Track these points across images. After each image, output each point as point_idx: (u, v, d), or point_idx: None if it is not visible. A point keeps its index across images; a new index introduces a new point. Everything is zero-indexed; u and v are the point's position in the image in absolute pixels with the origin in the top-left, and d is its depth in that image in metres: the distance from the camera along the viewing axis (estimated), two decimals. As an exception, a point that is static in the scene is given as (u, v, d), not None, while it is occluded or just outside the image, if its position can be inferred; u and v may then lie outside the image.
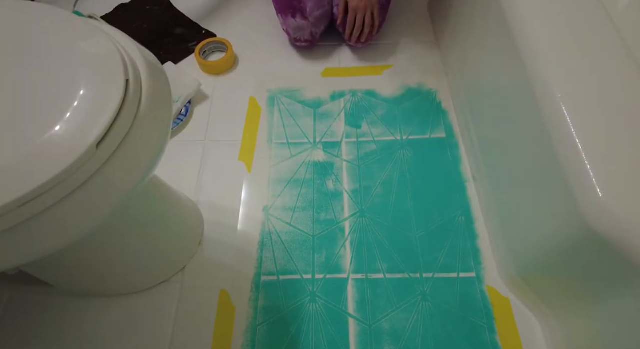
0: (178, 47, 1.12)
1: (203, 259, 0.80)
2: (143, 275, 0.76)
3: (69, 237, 0.44)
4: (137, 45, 0.50)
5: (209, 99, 1.02)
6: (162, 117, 0.50)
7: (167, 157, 0.91)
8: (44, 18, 0.48)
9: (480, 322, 0.72)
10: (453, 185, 0.88)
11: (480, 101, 0.85)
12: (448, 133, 0.95)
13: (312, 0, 0.97)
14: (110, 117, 0.41)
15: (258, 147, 0.94)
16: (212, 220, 0.84)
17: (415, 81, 1.04)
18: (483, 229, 0.82)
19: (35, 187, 0.37)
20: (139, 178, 0.47)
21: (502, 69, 0.73)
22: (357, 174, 0.90)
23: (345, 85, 1.04)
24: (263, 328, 0.73)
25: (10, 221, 0.38)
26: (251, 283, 0.77)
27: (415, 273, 0.77)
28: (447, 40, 1.05)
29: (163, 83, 0.51)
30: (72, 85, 0.42)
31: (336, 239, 0.82)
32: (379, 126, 0.97)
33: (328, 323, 0.73)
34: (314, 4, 0.97)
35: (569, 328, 0.64)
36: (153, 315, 0.74)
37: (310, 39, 1.05)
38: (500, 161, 0.77)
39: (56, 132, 0.39)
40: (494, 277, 0.77)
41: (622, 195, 0.47)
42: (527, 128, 0.64)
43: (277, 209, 0.86)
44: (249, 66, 1.09)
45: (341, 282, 0.77)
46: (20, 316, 0.75)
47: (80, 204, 0.41)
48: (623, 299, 0.50)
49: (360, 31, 1.01)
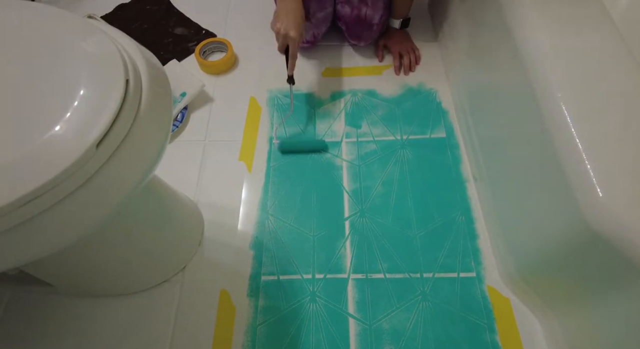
0: (178, 47, 1.12)
1: (203, 259, 0.80)
2: (143, 275, 0.76)
3: (69, 238, 0.44)
4: (138, 45, 0.50)
5: (209, 99, 1.02)
6: (162, 117, 0.50)
7: (168, 157, 0.90)
8: (44, 18, 0.48)
9: (480, 322, 0.72)
10: (453, 185, 0.88)
11: (481, 100, 0.85)
12: (448, 133, 0.95)
13: (314, 2, 0.97)
14: (111, 117, 0.41)
15: (258, 147, 0.94)
16: (212, 220, 0.84)
17: (416, 81, 1.04)
18: (483, 229, 0.82)
19: (36, 188, 0.37)
20: (139, 178, 0.47)
21: (502, 69, 0.73)
22: (357, 174, 0.90)
23: (345, 85, 1.04)
24: (263, 327, 0.73)
25: (11, 221, 0.38)
26: (251, 282, 0.77)
27: (415, 273, 0.77)
28: (447, 40, 1.05)
29: (163, 83, 0.51)
30: (72, 85, 0.42)
31: (336, 239, 0.82)
32: (379, 126, 0.97)
33: (328, 323, 0.73)
34: (317, 5, 0.97)
35: (569, 328, 0.64)
36: (153, 315, 0.74)
37: (312, 40, 1.05)
38: (500, 161, 0.77)
39: (56, 132, 0.39)
40: (494, 277, 0.77)
41: (622, 195, 0.47)
42: (527, 128, 0.64)
43: (277, 209, 0.86)
44: (249, 66, 1.09)
45: (341, 282, 0.77)
46: (21, 316, 0.75)
47: (80, 204, 0.41)
48: (623, 299, 0.50)
49: None
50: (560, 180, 0.53)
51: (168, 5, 1.21)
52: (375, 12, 0.99)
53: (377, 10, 0.99)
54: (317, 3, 0.97)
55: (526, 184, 0.67)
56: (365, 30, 1.02)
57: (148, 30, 1.16)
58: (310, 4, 0.96)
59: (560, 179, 0.53)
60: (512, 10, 0.67)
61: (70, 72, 0.43)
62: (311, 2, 0.96)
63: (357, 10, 0.99)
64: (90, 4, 1.22)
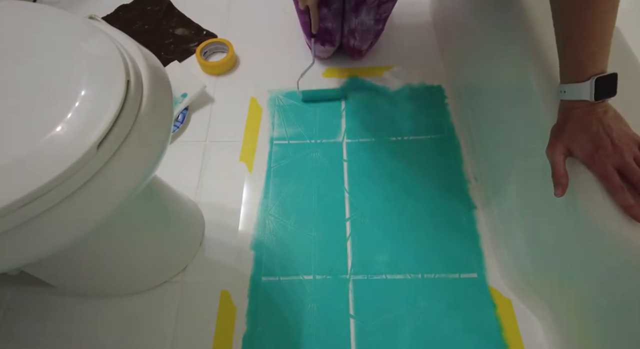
0: (179, 48, 1.12)
1: (204, 259, 0.80)
2: (144, 275, 0.76)
3: (70, 238, 0.44)
4: (139, 46, 0.51)
5: (210, 99, 1.02)
6: (163, 118, 0.50)
7: (168, 158, 0.90)
8: (45, 19, 0.48)
9: (482, 323, 0.72)
10: (454, 185, 0.88)
11: (482, 101, 0.85)
12: (449, 133, 0.95)
13: (339, 32, 0.99)
14: (111, 118, 0.41)
15: (259, 148, 0.94)
16: (213, 220, 0.84)
17: (416, 82, 1.04)
18: (484, 230, 0.82)
19: (37, 188, 0.37)
20: (139, 179, 0.47)
21: (503, 68, 0.73)
22: (358, 174, 0.90)
23: (345, 85, 1.04)
24: (264, 328, 0.73)
25: (12, 221, 0.38)
26: (252, 283, 0.77)
27: (416, 274, 0.77)
28: (448, 40, 1.05)
29: (164, 84, 0.51)
30: (73, 86, 0.42)
31: (337, 240, 0.82)
32: (379, 126, 0.97)
33: (329, 324, 0.73)
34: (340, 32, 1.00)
35: (570, 329, 0.64)
36: (154, 316, 0.74)
37: (330, 56, 1.08)
38: (501, 161, 0.77)
39: (57, 132, 0.39)
40: (496, 278, 0.76)
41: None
42: (529, 128, 0.64)
43: (278, 209, 0.86)
44: (250, 67, 1.09)
45: (341, 282, 0.77)
46: (22, 316, 0.75)
47: (81, 204, 0.41)
48: (624, 300, 0.50)
49: None
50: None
51: (169, 6, 1.21)
52: (363, 44, 1.01)
53: (365, 42, 1.00)
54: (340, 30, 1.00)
55: (527, 185, 0.67)
56: (355, 54, 1.04)
57: (149, 31, 1.16)
58: (336, 34, 0.99)
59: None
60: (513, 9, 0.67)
61: (71, 73, 0.43)
62: (336, 33, 0.99)
63: (346, 39, 1.01)
64: (91, 5, 1.22)
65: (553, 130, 0.52)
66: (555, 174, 0.49)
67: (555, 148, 0.50)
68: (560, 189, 0.49)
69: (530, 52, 0.61)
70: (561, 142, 0.50)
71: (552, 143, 0.51)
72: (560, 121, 0.51)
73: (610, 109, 0.48)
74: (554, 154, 0.50)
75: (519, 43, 0.64)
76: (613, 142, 0.46)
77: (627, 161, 0.45)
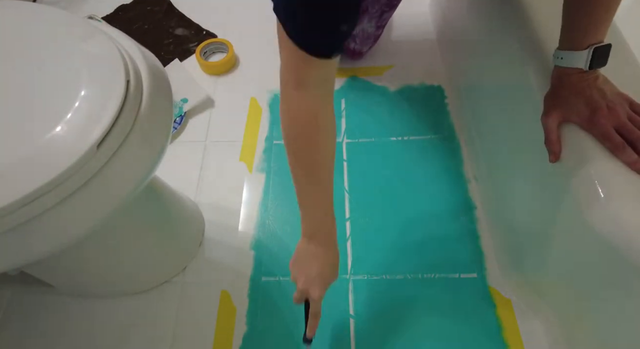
0: (179, 48, 1.12)
1: (204, 259, 0.80)
2: (144, 276, 0.76)
3: (70, 238, 0.44)
4: (138, 46, 0.51)
5: (210, 99, 1.02)
6: (163, 117, 0.50)
7: (168, 158, 0.90)
8: (45, 19, 0.48)
9: (482, 323, 0.72)
10: (454, 185, 0.87)
11: (482, 101, 0.85)
12: (449, 133, 0.95)
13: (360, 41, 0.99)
14: (111, 118, 0.41)
15: (259, 148, 0.94)
16: (213, 221, 0.84)
17: (416, 81, 1.04)
18: (484, 230, 0.82)
19: (37, 188, 0.37)
20: (139, 179, 0.47)
21: (503, 68, 0.73)
22: (358, 174, 0.90)
23: (345, 85, 1.04)
24: (264, 328, 0.73)
25: (12, 221, 0.38)
26: (252, 283, 0.77)
27: (416, 274, 0.77)
28: (448, 40, 1.05)
29: (164, 84, 0.51)
30: (73, 86, 0.42)
31: (337, 240, 0.81)
32: (379, 126, 0.97)
33: (329, 324, 0.73)
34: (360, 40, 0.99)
35: (571, 329, 0.64)
36: (154, 316, 0.74)
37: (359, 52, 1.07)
38: (501, 161, 0.77)
39: (57, 132, 0.39)
40: (496, 278, 0.76)
41: (623, 196, 0.47)
42: (529, 128, 0.64)
43: (278, 209, 0.86)
44: (250, 67, 1.09)
45: (341, 283, 0.77)
46: (22, 316, 0.75)
47: (81, 205, 0.41)
48: (625, 301, 0.50)
49: None
50: (563, 182, 0.53)
51: (169, 6, 1.21)
52: (363, 47, 1.00)
53: (366, 45, 1.00)
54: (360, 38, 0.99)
55: (528, 186, 0.67)
56: (355, 55, 1.04)
57: (149, 31, 1.16)
58: None
59: (563, 181, 0.53)
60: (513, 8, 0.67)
61: (71, 73, 0.43)
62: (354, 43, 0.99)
63: (347, 43, 1.00)
64: (90, 5, 1.22)
65: (547, 97, 0.53)
66: (548, 141, 0.51)
67: (551, 115, 0.51)
68: (553, 156, 0.51)
69: (530, 52, 0.61)
70: (557, 108, 0.50)
71: (547, 110, 0.52)
72: (554, 87, 0.51)
73: (601, 75, 0.49)
74: (548, 120, 0.51)
75: (519, 43, 0.64)
76: (608, 104, 0.47)
77: (624, 121, 0.46)
